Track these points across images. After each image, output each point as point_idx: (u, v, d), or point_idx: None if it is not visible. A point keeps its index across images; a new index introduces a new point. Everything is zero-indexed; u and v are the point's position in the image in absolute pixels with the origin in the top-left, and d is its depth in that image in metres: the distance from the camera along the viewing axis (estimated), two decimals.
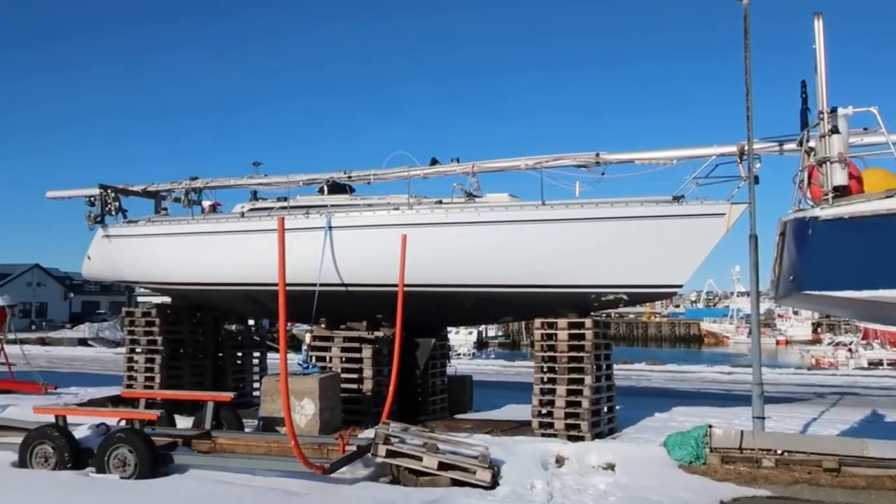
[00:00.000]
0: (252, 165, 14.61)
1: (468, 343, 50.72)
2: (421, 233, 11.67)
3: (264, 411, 11.37)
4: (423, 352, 13.23)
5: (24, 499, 7.77)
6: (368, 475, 9.33)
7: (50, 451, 9.18)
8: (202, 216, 14.21)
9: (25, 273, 72.36)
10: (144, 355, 14.22)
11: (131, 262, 14.47)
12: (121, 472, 8.78)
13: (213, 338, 15.42)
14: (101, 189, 14.39)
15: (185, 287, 14.27)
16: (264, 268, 11.60)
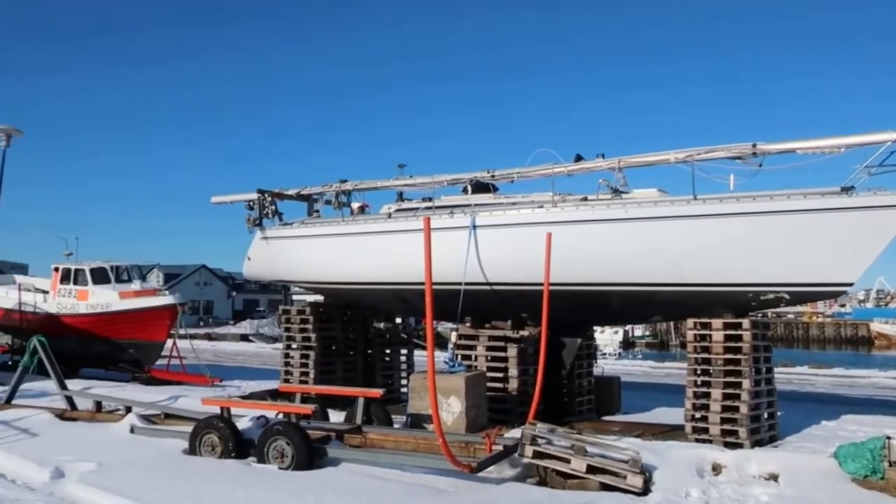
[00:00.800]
0: (397, 168, 14.97)
1: (614, 343, 49.50)
2: (566, 230, 11.46)
3: (412, 408, 11.57)
4: (570, 351, 13.00)
5: (196, 485, 8.29)
6: (515, 475, 9.25)
7: (216, 441, 9.77)
8: (351, 217, 14.67)
9: (193, 273, 78.00)
10: (300, 351, 14.89)
11: (287, 262, 15.19)
12: (279, 462, 9.19)
13: (363, 335, 15.92)
14: (259, 194, 15.20)
15: (336, 286, 14.80)
16: (411, 267, 11.80)
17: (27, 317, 21.68)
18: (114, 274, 21.60)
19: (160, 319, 20.33)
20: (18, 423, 11.79)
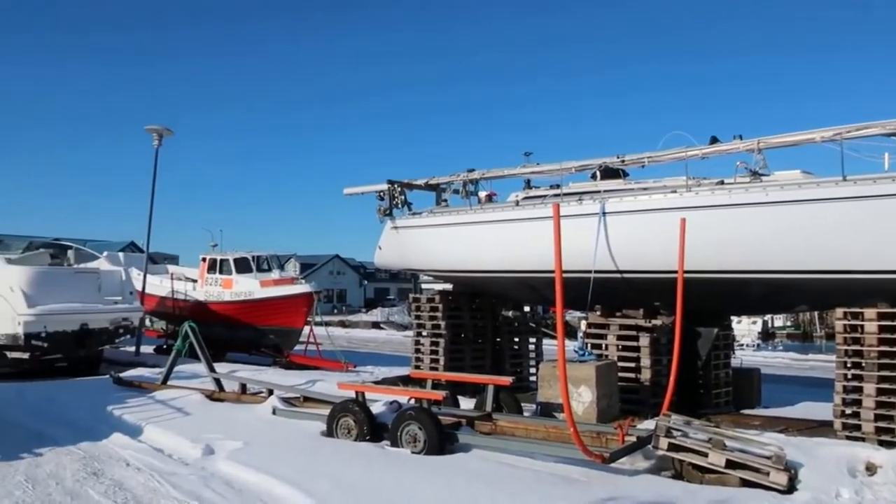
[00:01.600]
0: (523, 155, 14.90)
1: (752, 333, 47.23)
2: (701, 216, 11.03)
3: (542, 397, 11.51)
4: (705, 342, 12.52)
5: (334, 465, 8.61)
6: (649, 468, 9.02)
7: (352, 424, 10.10)
8: (479, 206, 14.75)
9: (328, 263, 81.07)
10: (429, 338, 15.16)
11: (416, 250, 15.48)
12: (412, 447, 9.39)
13: (492, 323, 16.01)
14: (388, 184, 15.56)
15: (464, 274, 14.94)
16: (539, 255, 11.71)
17: (178, 304, 23.27)
18: (255, 263, 22.81)
19: (298, 307, 21.28)
20: (173, 402, 12.67)
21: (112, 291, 18.41)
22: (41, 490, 7.99)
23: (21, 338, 16.57)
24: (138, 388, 14.29)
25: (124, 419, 11.56)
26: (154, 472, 8.74)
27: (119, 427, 11.09)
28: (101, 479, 8.44)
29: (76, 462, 9.24)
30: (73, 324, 17.12)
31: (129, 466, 9.05)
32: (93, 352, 18.26)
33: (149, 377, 15.28)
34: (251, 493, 7.88)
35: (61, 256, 20.70)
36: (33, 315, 16.50)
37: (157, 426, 10.98)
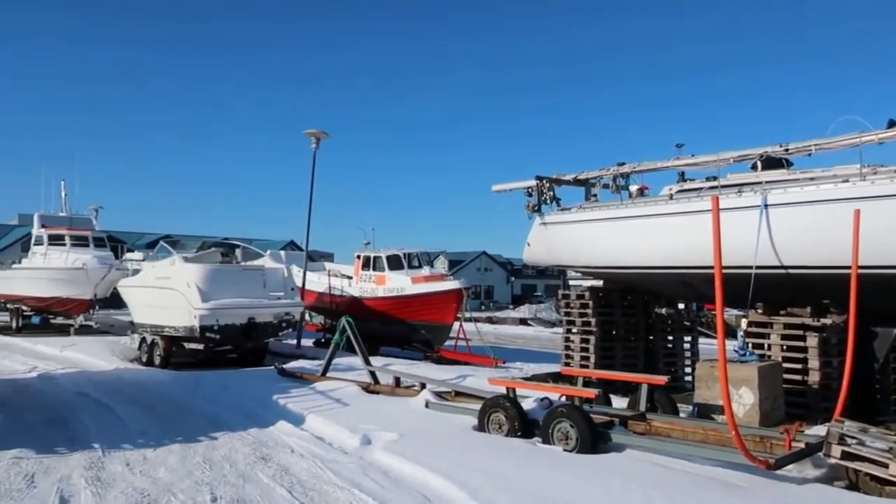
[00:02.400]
0: (675, 147, 14.39)
1: None
2: (878, 207, 10.18)
3: (699, 397, 11.07)
4: (883, 343, 11.55)
5: (486, 460, 8.70)
6: (818, 476, 8.44)
7: (503, 419, 10.16)
8: (630, 200, 14.39)
9: (475, 260, 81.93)
10: (580, 335, 14.96)
11: (566, 247, 15.32)
12: (563, 444, 9.31)
13: (644, 320, 15.58)
14: (537, 180, 15.50)
15: (616, 270, 14.62)
16: (695, 250, 11.28)
17: (335, 299, 24.34)
18: (406, 260, 23.44)
19: (448, 303, 21.66)
20: (332, 393, 13.28)
21: (275, 287, 19.53)
22: (217, 471, 8.61)
23: (197, 330, 17.92)
24: (300, 379, 15.08)
25: (288, 408, 12.24)
26: (316, 459, 9.20)
27: (284, 415, 11.76)
28: (269, 464, 8.98)
29: (247, 447, 9.89)
30: (242, 317, 18.31)
31: (293, 453, 9.57)
32: (259, 344, 19.46)
33: (309, 369, 16.10)
34: (407, 484, 8.11)
35: (230, 255, 22.22)
36: (207, 309, 17.80)
37: (318, 416, 11.53)
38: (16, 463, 8.81)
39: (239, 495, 7.64)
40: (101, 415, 12.22)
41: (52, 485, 7.91)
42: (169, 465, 8.82)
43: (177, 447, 9.79)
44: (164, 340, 19.21)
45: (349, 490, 7.83)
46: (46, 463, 8.84)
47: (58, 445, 9.78)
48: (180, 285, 18.42)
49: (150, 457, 9.26)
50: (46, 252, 29.78)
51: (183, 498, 7.50)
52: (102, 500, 7.39)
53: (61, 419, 11.80)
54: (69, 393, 14.52)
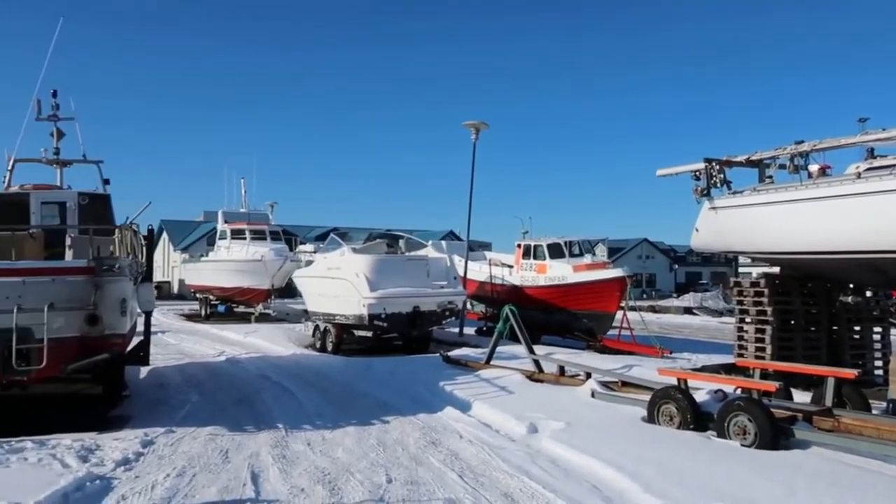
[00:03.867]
0: (857, 122, 13.24)
1: None
2: None
3: (893, 393, 10.17)
4: None
5: (657, 452, 8.45)
6: None
7: (674, 411, 9.82)
8: (810, 181, 13.38)
9: (636, 247, 79.71)
10: (754, 325, 14.14)
11: (738, 232, 14.50)
12: (740, 439, 8.87)
13: (827, 310, 14.49)
14: (705, 163, 14.76)
15: (795, 256, 13.67)
16: (888, 233, 10.34)
17: (496, 288, 24.52)
18: (567, 249, 23.18)
19: (611, 291, 21.22)
20: (497, 381, 13.40)
21: (439, 277, 19.97)
22: (391, 454, 8.94)
23: (365, 318, 18.68)
24: (464, 367, 15.33)
25: (455, 394, 12.49)
26: (484, 445, 9.32)
27: (451, 401, 12.02)
28: (439, 449, 9.20)
29: (417, 431, 10.20)
30: (407, 306, 18.88)
31: (461, 439, 9.75)
32: (423, 332, 19.99)
33: (473, 357, 16.33)
34: (576, 473, 8.04)
35: (395, 245, 22.97)
36: (375, 298, 18.50)
37: (484, 403, 11.68)
38: (212, 439, 9.59)
39: (412, 478, 7.88)
40: (281, 396, 13.04)
41: (243, 460, 8.54)
42: (346, 447, 9.26)
43: (352, 429, 10.26)
44: (335, 328, 20.19)
45: (518, 477, 7.87)
46: (238, 440, 9.56)
47: (246, 424, 10.55)
48: (350, 275, 19.26)
49: (328, 438, 9.77)
50: (230, 246, 32.19)
51: (360, 478, 7.84)
52: (288, 476, 7.87)
53: (247, 400, 12.71)
54: (253, 376, 15.61)
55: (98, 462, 8.16)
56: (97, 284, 10.05)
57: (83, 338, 10.12)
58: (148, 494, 7.17)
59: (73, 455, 8.33)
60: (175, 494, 7.19)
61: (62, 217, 14.12)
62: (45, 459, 8.14)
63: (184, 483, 7.57)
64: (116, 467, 8.04)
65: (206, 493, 7.25)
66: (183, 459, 8.51)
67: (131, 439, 9.32)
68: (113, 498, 7.04)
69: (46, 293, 9.75)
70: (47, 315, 9.52)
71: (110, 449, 8.79)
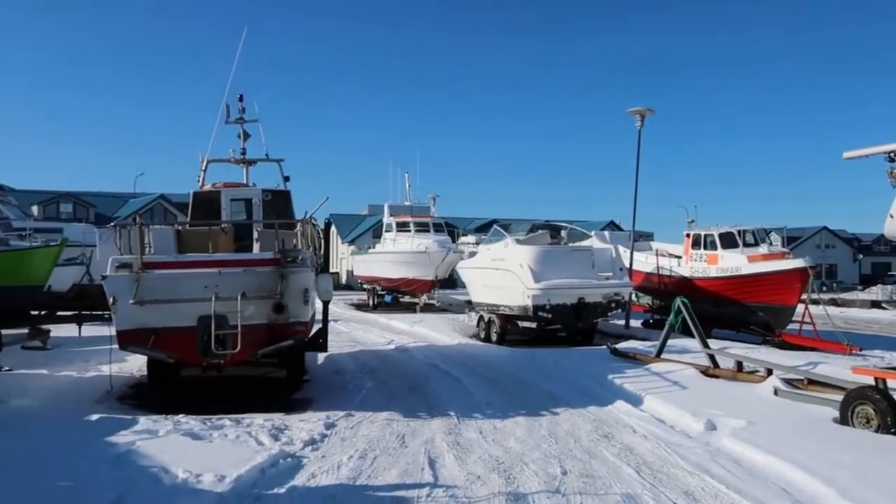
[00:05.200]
0: None
1: None
2: None
3: None
4: None
5: (853, 457, 7.85)
6: None
7: (871, 413, 9.07)
8: None
9: (814, 235, 74.32)
10: None
11: None
12: None
13: None
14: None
15: None
16: None
17: (664, 279, 23.73)
18: (740, 238, 22.02)
19: (791, 283, 19.94)
20: (668, 375, 12.97)
21: (604, 268, 19.58)
22: (563, 445, 8.89)
23: (530, 309, 18.68)
24: (633, 360, 14.96)
25: (625, 388, 12.22)
26: (660, 441, 9.05)
27: (621, 395, 11.78)
28: (612, 443, 9.04)
29: (588, 424, 10.08)
30: (572, 297, 18.67)
31: (635, 433, 9.53)
32: (588, 324, 19.70)
33: (642, 350, 15.90)
34: (761, 474, 7.63)
35: (558, 236, 22.78)
36: (539, 289, 18.45)
37: (656, 397, 11.35)
38: (388, 424, 9.97)
39: (587, 470, 7.80)
40: (451, 385, 13.33)
41: (419, 445, 8.80)
42: (517, 436, 9.31)
43: (522, 419, 10.31)
44: (499, 318, 20.35)
45: (699, 476, 7.58)
46: (412, 426, 9.87)
47: (419, 410, 10.87)
48: (514, 266, 19.32)
49: (499, 427, 9.87)
50: (395, 238, 33.31)
51: (535, 468, 7.86)
52: (463, 463, 8.03)
53: (418, 387, 13.09)
54: (422, 364, 16.06)
55: (288, 441, 8.72)
56: (283, 275, 10.72)
57: (271, 325, 10.85)
58: (335, 473, 7.57)
59: (266, 433, 8.95)
60: (359, 475, 7.54)
61: (248, 212, 15.17)
62: (242, 437, 8.80)
63: (366, 465, 7.92)
64: (304, 447, 8.56)
65: (388, 476, 7.55)
66: (363, 442, 8.91)
67: (315, 421, 9.87)
68: (304, 475, 7.49)
69: (239, 283, 10.54)
70: (240, 303, 10.29)
71: (297, 429, 9.35)
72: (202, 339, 10.43)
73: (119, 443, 8.30)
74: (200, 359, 10.79)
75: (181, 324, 10.50)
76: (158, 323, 10.56)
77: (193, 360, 11.01)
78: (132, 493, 6.52)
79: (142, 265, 10.47)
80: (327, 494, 6.91)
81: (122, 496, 6.42)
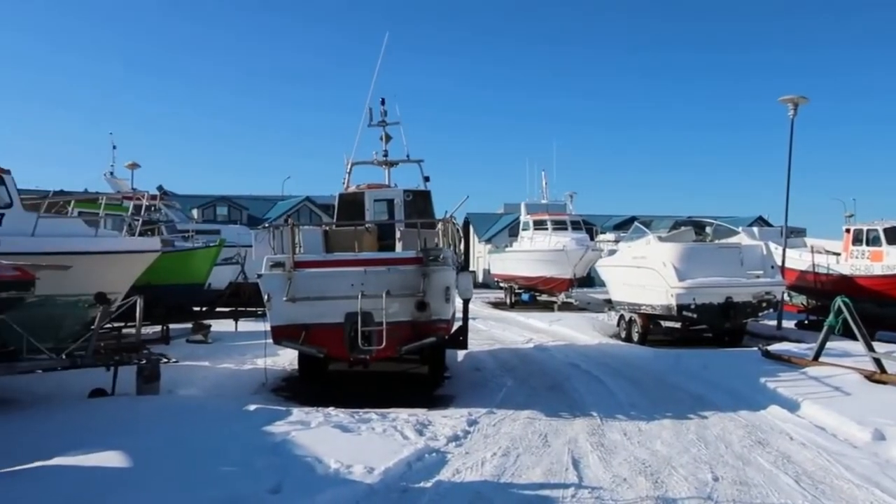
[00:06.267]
0: None
1: None
2: None
3: None
4: None
5: None
6: None
7: None
8: None
9: None
10: None
11: None
12: None
13: None
14: None
15: None
16: None
17: (820, 278, 22.25)
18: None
19: None
20: (828, 380, 12.14)
21: (753, 265, 18.63)
22: (713, 450, 8.54)
23: (674, 308, 18.07)
24: (787, 363, 14.14)
25: (779, 392, 11.56)
26: (820, 449, 8.50)
27: (775, 400, 11.17)
28: (767, 449, 8.58)
29: (739, 429, 9.63)
30: (719, 296, 17.89)
31: (792, 441, 9.01)
32: (737, 324, 18.79)
33: (797, 352, 15.00)
34: None
35: (702, 233, 21.89)
36: (684, 288, 17.81)
37: (815, 403, 10.66)
38: (530, 422, 9.95)
39: (741, 477, 7.45)
40: (592, 385, 13.14)
41: (562, 445, 8.73)
42: (664, 439, 9.03)
43: (668, 422, 10.00)
44: (641, 318, 19.83)
45: (867, 488, 7.06)
46: (554, 425, 9.80)
47: (561, 410, 10.78)
48: (656, 264, 18.77)
49: (643, 429, 9.62)
50: (532, 236, 33.21)
51: (683, 473, 7.59)
52: (608, 465, 7.88)
53: (559, 386, 13.00)
54: (561, 363, 15.93)
55: (432, 436, 8.89)
56: (425, 273, 10.96)
57: (414, 322, 11.11)
58: (479, 470, 7.64)
59: (411, 428, 9.16)
60: (503, 472, 7.57)
61: (390, 212, 15.61)
62: (388, 430, 9.05)
63: (509, 462, 7.94)
64: (448, 442, 8.69)
65: (532, 475, 7.53)
66: (506, 440, 8.94)
67: (458, 417, 10.00)
68: (449, 470, 7.61)
69: (384, 281, 10.87)
70: (385, 301, 10.60)
71: (440, 425, 9.51)
72: (349, 335, 10.83)
73: (275, 432, 8.76)
74: (348, 354, 11.22)
75: (330, 320, 10.96)
76: (309, 319, 11.08)
77: (341, 356, 11.47)
78: (289, 480, 6.86)
79: (293, 264, 11.01)
80: (472, 490, 6.98)
81: (280, 482, 6.76)
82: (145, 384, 11.04)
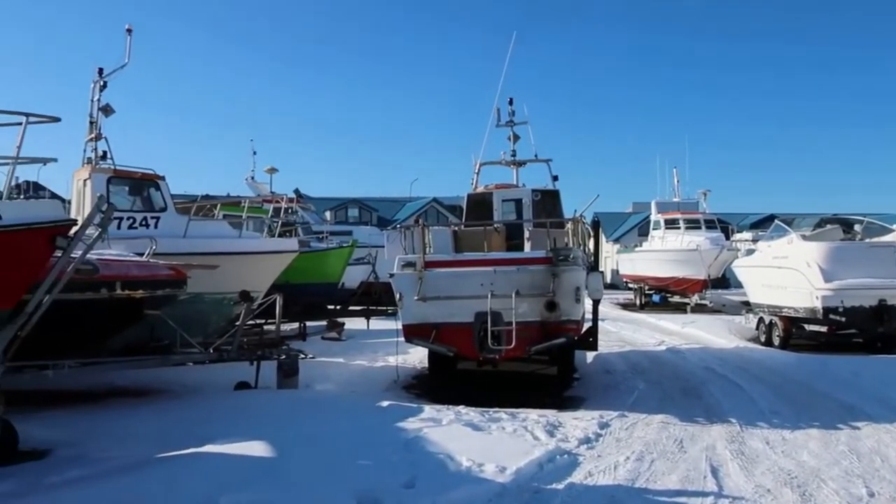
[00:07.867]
0: None
1: None
2: None
3: None
4: None
5: None
6: None
7: None
8: None
9: None
10: None
11: None
12: None
13: None
14: None
15: None
16: None
17: None
18: None
19: None
20: None
21: None
22: (867, 463, 7.97)
23: (819, 311, 17.01)
24: None
25: None
26: None
27: None
28: None
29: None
30: (871, 299, 16.68)
31: None
32: (892, 329, 17.45)
33: None
34: None
35: (851, 231, 20.48)
36: (830, 289, 16.74)
37: None
38: (664, 427, 9.65)
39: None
40: (729, 390, 12.59)
41: (699, 452, 8.41)
42: (811, 450, 8.51)
43: (815, 432, 9.42)
44: (782, 321, 18.80)
45: None
46: (690, 430, 9.46)
47: (696, 415, 10.39)
48: (799, 264, 17.75)
49: (788, 438, 9.11)
50: (664, 235, 32.23)
51: (834, 486, 7.13)
52: (750, 474, 7.52)
53: (693, 390, 12.55)
54: (696, 367, 15.36)
55: (563, 438, 8.79)
56: (555, 273, 10.87)
57: (543, 322, 11.05)
58: (612, 474, 7.49)
59: (541, 429, 9.10)
60: (637, 477, 7.39)
61: (518, 212, 15.58)
62: (519, 430, 9.04)
63: (643, 467, 7.73)
64: (579, 445, 8.57)
65: (667, 481, 7.30)
66: (639, 444, 8.72)
67: (589, 420, 9.85)
68: (581, 473, 7.51)
69: (513, 281, 10.87)
70: (514, 301, 10.60)
71: (571, 427, 9.40)
72: (478, 334, 10.91)
73: (408, 429, 8.94)
74: (477, 353, 11.30)
75: (460, 319, 11.08)
76: (439, 318, 11.25)
77: (471, 355, 11.57)
78: (422, 476, 6.98)
79: (424, 264, 11.21)
80: (606, 494, 6.85)
81: (414, 478, 6.90)
82: (285, 378, 11.57)
